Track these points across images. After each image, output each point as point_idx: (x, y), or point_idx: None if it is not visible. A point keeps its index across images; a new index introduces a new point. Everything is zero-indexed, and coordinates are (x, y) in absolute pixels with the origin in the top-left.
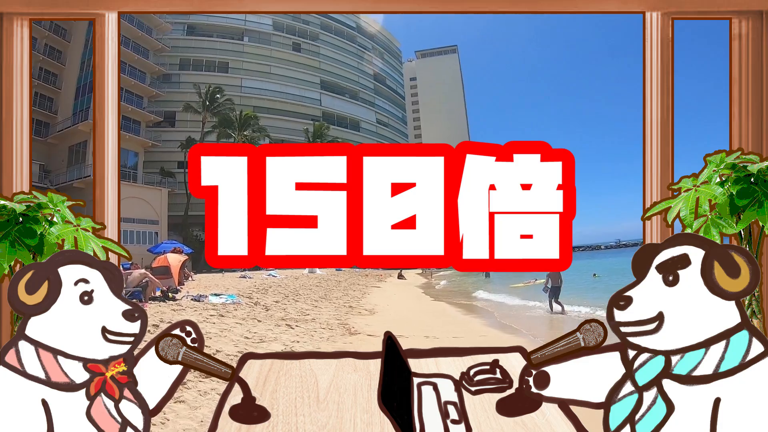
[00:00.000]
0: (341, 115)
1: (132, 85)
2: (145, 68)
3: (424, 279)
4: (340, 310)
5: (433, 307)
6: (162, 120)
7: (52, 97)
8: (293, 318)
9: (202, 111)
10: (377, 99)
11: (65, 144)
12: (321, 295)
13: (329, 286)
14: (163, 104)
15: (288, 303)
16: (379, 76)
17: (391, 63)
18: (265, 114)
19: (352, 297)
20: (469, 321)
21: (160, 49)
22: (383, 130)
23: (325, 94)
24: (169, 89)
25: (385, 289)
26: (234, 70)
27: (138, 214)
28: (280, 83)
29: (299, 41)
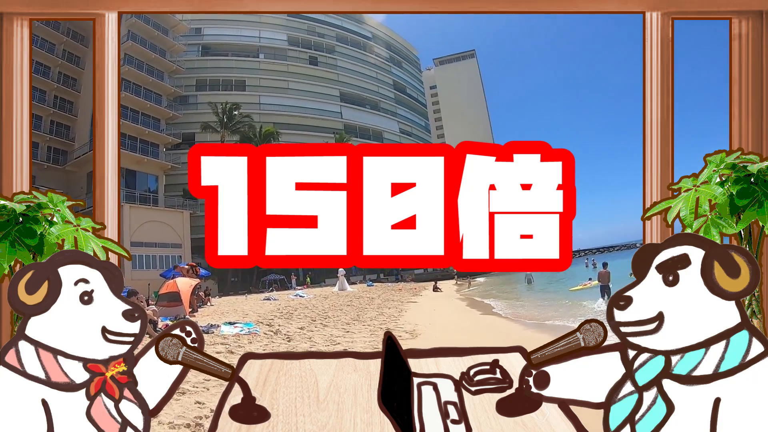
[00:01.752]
0: (363, 126)
1: (148, 108)
2: (160, 90)
3: (461, 288)
4: (376, 334)
5: (484, 322)
6: (181, 142)
7: (68, 125)
8: (320, 350)
9: (221, 129)
10: (399, 108)
11: (83, 171)
12: (353, 316)
13: (361, 305)
14: (182, 126)
15: (315, 329)
16: (399, 85)
17: (410, 71)
18: (285, 130)
19: (388, 316)
20: (539, 337)
21: (175, 71)
22: (406, 139)
23: (345, 106)
24: (186, 111)
25: (422, 305)
26: (251, 88)
27: (160, 238)
28: (298, 98)
29: (315, 54)
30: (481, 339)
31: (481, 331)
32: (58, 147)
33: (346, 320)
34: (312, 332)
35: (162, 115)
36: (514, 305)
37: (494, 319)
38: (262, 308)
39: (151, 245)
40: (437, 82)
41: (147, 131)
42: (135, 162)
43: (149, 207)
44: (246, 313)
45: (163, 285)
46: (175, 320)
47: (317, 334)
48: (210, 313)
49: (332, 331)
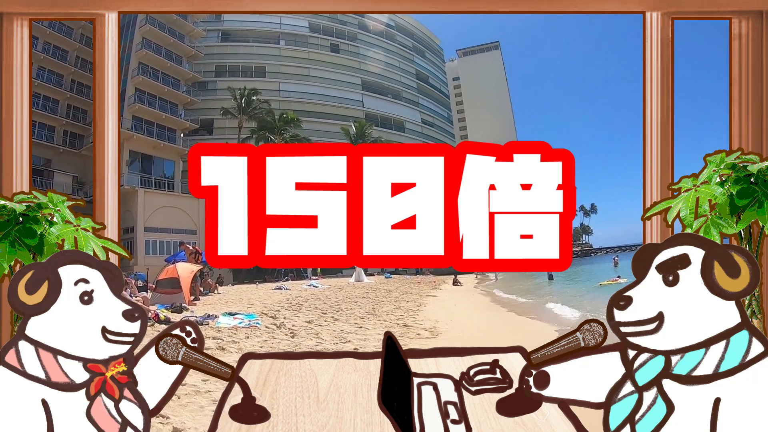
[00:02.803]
0: (385, 116)
1: (166, 93)
2: (179, 75)
3: (481, 283)
4: (392, 330)
5: (509, 320)
6: (198, 127)
7: (85, 110)
8: (327, 348)
9: (239, 115)
10: (421, 98)
11: None
12: (368, 309)
13: (378, 298)
14: (200, 112)
15: (324, 324)
16: (421, 75)
17: (433, 61)
18: (306, 117)
19: (405, 310)
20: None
21: (194, 56)
22: (428, 130)
23: (367, 95)
24: (205, 96)
25: (442, 299)
26: (271, 75)
27: (174, 224)
28: (319, 86)
29: (337, 42)
30: (509, 339)
31: (508, 331)
32: (74, 131)
33: (360, 314)
34: (320, 327)
35: (180, 100)
36: (540, 302)
37: (513, 316)
38: (271, 298)
39: (165, 231)
40: (460, 74)
41: (164, 116)
42: (151, 147)
43: (164, 192)
44: (252, 302)
45: (163, 270)
46: (170, 308)
47: (326, 330)
48: (213, 301)
49: (343, 326)
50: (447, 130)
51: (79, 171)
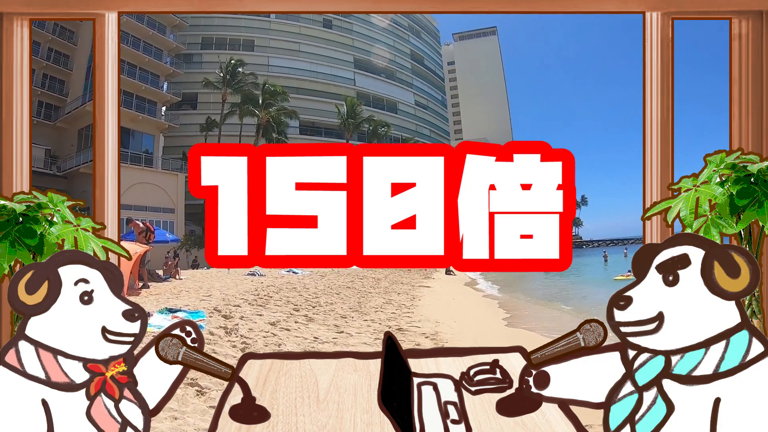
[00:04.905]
0: (377, 96)
1: (146, 62)
2: (162, 45)
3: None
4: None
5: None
6: (181, 101)
7: (63, 80)
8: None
9: (222, 87)
10: (415, 79)
11: (74, 127)
12: (352, 304)
13: (365, 288)
14: (185, 86)
15: (294, 326)
16: (416, 56)
17: (429, 43)
18: (294, 94)
19: (398, 305)
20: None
21: (179, 26)
22: (421, 112)
23: (359, 73)
24: (190, 69)
25: (437, 291)
26: (260, 48)
27: (151, 201)
28: (310, 62)
29: (330, 17)
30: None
31: (507, 332)
32: (50, 102)
33: (342, 310)
34: (287, 331)
35: (162, 71)
36: (551, 300)
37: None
38: (237, 287)
39: (141, 209)
40: (456, 58)
41: (144, 87)
42: (129, 119)
43: (141, 167)
44: (210, 293)
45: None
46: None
47: (293, 336)
48: (164, 290)
49: (318, 329)
50: (441, 114)
51: (53, 144)
